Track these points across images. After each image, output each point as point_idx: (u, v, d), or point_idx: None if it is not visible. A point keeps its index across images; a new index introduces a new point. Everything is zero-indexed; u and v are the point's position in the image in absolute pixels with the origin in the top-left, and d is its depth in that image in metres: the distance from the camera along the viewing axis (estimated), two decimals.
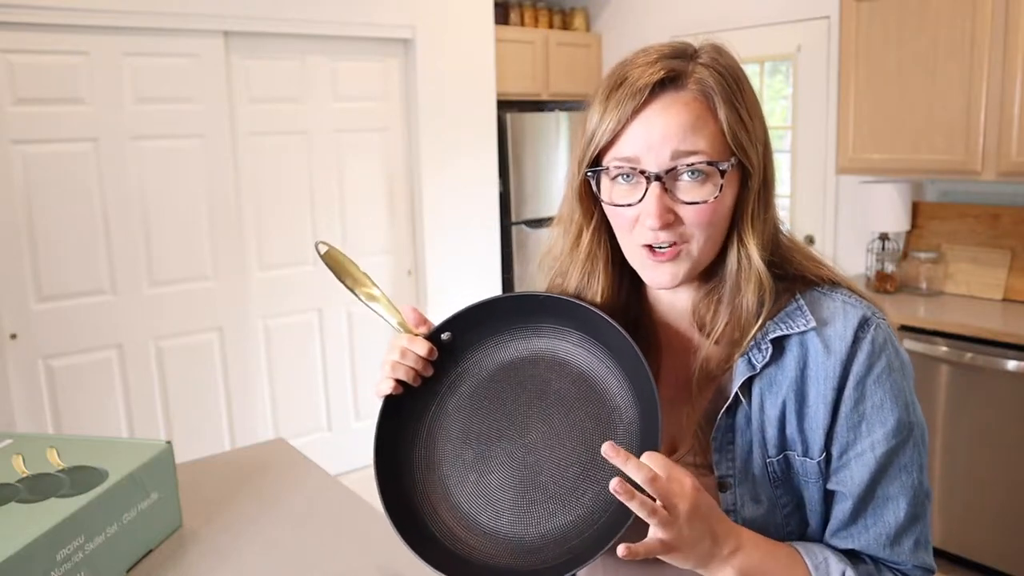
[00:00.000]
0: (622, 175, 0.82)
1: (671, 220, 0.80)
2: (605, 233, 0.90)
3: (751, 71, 3.89)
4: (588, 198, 0.89)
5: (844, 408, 0.82)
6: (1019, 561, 2.67)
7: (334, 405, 3.82)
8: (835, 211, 3.67)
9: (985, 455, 2.70)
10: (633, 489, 0.70)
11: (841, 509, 0.84)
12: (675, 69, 0.80)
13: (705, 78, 0.80)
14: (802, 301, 0.85)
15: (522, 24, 4.41)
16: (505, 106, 4.26)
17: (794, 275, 0.87)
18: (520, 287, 4.33)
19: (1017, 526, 2.65)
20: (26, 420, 3.00)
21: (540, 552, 0.83)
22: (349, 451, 3.78)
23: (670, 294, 0.91)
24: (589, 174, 0.85)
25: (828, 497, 0.85)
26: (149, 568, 1.23)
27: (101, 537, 1.14)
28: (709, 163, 0.80)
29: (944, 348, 2.75)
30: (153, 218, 3.20)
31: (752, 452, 0.85)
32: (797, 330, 0.83)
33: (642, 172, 0.80)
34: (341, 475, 3.54)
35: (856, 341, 0.82)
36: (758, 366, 0.83)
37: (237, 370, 3.49)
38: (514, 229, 4.29)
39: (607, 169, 0.83)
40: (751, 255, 0.84)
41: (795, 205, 3.85)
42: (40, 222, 2.97)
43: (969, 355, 2.69)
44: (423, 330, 0.93)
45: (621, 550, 0.70)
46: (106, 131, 3.06)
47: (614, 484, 0.70)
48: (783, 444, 0.84)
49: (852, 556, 0.84)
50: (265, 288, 3.54)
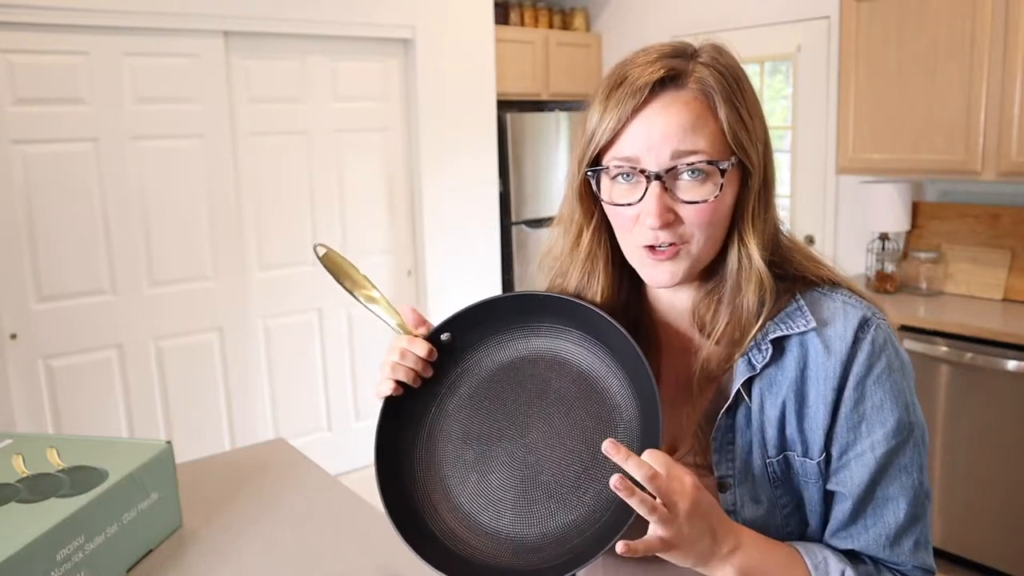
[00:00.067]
0: (622, 174, 0.82)
1: (671, 219, 0.80)
2: (605, 233, 0.90)
3: (751, 71, 3.88)
4: (588, 198, 0.88)
5: (844, 408, 0.82)
6: (1019, 561, 2.66)
7: (334, 405, 3.82)
8: (835, 211, 3.67)
9: (985, 455, 2.70)
10: (633, 486, 0.70)
11: (841, 509, 0.83)
12: (675, 68, 0.80)
13: (705, 77, 0.80)
14: (802, 301, 0.85)
15: (522, 24, 4.41)
16: (505, 106, 4.26)
17: (794, 275, 0.87)
18: (520, 287, 4.32)
19: (1017, 526, 2.65)
20: (26, 420, 3.00)
21: (541, 551, 0.83)
22: (349, 451, 3.78)
23: (670, 294, 0.91)
24: (589, 174, 0.85)
25: (828, 497, 0.85)
26: (149, 568, 1.23)
27: (101, 537, 1.14)
28: (709, 162, 0.79)
29: (944, 348, 2.75)
30: (153, 218, 3.20)
31: (752, 452, 0.84)
32: (797, 330, 0.83)
33: (642, 171, 0.80)
34: (341, 475, 3.54)
35: (856, 341, 0.81)
36: (758, 366, 0.83)
37: (237, 370, 3.49)
38: (514, 229, 4.29)
39: (607, 168, 0.83)
40: (751, 255, 0.84)
41: (795, 205, 3.85)
42: (40, 222, 2.97)
43: (969, 355, 2.69)
44: (422, 331, 0.93)
45: (620, 547, 0.70)
46: (106, 131, 3.06)
47: (614, 480, 0.70)
48: (783, 444, 0.84)
49: (852, 556, 0.84)
50: (265, 288, 3.54)
